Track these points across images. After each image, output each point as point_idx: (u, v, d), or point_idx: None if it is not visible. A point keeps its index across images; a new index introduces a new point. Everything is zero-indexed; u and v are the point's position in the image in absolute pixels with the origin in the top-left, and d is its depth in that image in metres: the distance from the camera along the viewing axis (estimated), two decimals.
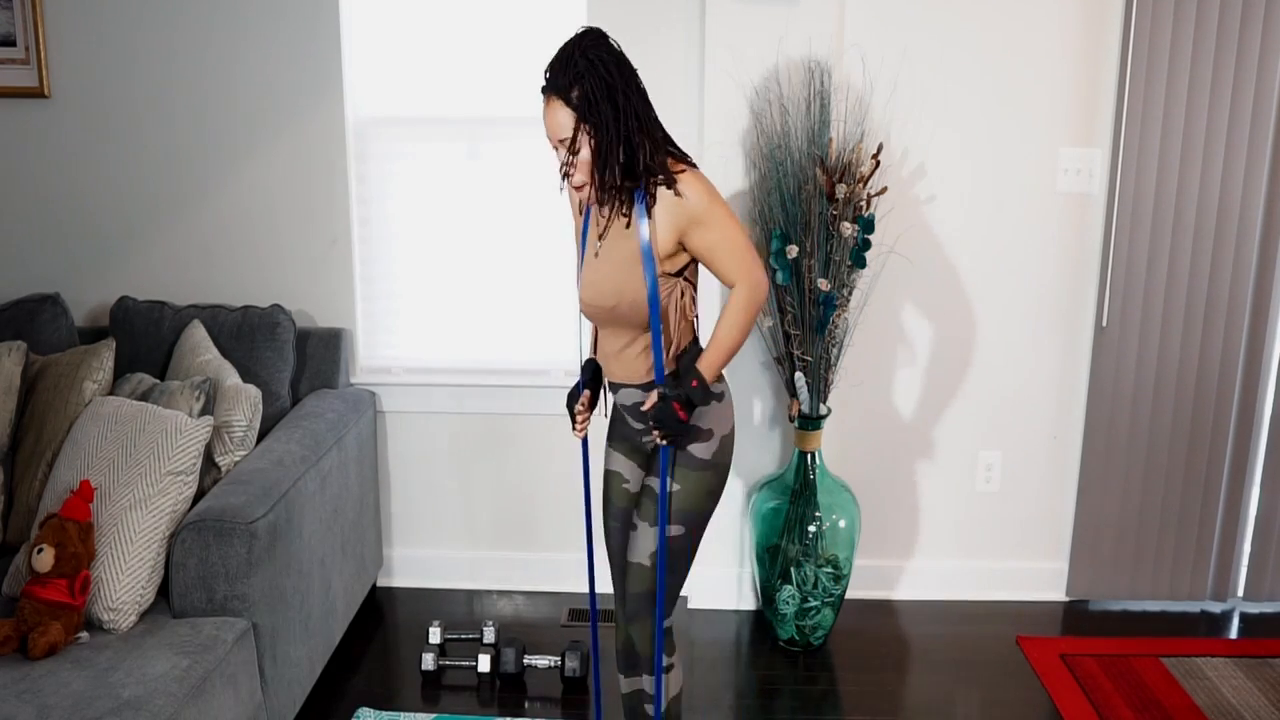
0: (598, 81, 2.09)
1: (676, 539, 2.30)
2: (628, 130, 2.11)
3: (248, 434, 2.78)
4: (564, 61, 2.11)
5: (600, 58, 2.10)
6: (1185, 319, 3.26)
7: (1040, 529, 3.50)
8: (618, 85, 2.10)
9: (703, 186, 2.17)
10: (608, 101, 2.09)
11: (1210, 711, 2.86)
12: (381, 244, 3.41)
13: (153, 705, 2.05)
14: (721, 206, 2.19)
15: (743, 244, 2.20)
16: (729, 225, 2.18)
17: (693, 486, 2.28)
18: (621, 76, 2.11)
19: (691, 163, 2.23)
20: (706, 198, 2.16)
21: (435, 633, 3.10)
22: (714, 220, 2.17)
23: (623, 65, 2.13)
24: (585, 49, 2.10)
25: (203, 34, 3.24)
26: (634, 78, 2.15)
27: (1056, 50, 3.19)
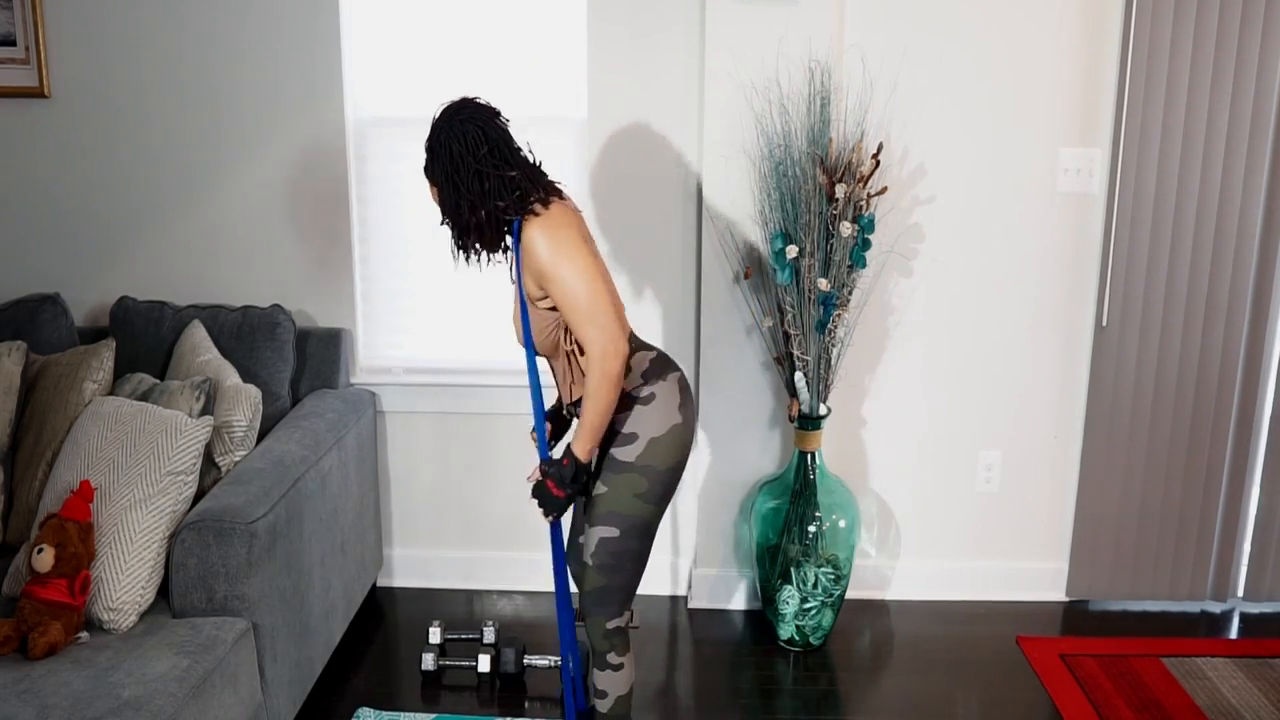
0: (440, 166, 2.24)
1: (612, 540, 2.32)
2: (462, 207, 2.24)
3: (248, 434, 2.78)
4: (426, 146, 2.29)
5: (444, 142, 2.23)
6: (1185, 319, 3.26)
7: (1040, 529, 3.51)
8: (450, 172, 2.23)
9: (547, 237, 2.19)
10: (450, 183, 2.24)
11: (1210, 711, 2.86)
12: (381, 244, 3.41)
13: (153, 705, 2.05)
14: (567, 263, 2.18)
15: (583, 303, 2.18)
16: (570, 284, 2.18)
17: (618, 490, 2.30)
18: (464, 155, 2.21)
19: (560, 197, 2.28)
20: (539, 251, 2.19)
21: (435, 633, 3.10)
22: (550, 274, 2.21)
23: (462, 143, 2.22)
24: (436, 133, 2.25)
25: (203, 34, 3.24)
26: (478, 148, 2.21)
27: (1056, 50, 3.19)
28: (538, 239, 2.20)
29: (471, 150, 2.21)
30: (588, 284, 2.18)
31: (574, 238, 2.21)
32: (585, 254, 2.20)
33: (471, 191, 2.22)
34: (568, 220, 2.24)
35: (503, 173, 2.22)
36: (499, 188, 2.22)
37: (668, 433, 2.30)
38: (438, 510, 3.56)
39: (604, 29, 3.20)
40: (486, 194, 2.22)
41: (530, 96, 3.30)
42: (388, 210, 3.39)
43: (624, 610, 2.42)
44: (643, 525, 2.33)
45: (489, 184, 2.22)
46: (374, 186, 3.37)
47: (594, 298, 2.18)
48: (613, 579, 2.36)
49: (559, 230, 2.20)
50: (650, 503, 2.32)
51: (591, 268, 2.19)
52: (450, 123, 2.24)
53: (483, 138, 2.22)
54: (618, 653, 2.43)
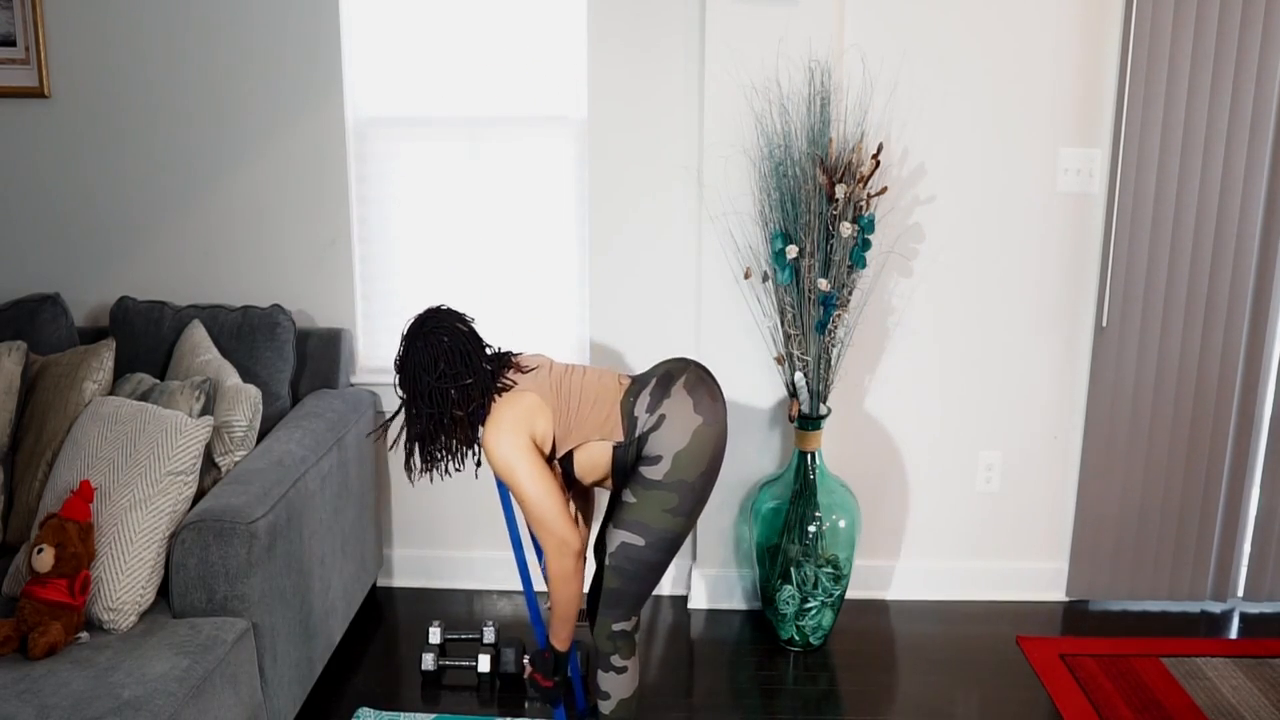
0: (406, 385, 2.36)
1: (634, 548, 2.35)
2: (422, 423, 2.36)
3: (248, 434, 2.78)
4: (395, 365, 2.40)
5: (410, 364, 2.34)
6: (1185, 319, 3.26)
7: (1040, 529, 3.51)
8: (412, 393, 2.34)
9: (498, 444, 2.31)
10: (412, 402, 2.36)
11: (1210, 711, 2.86)
12: (381, 244, 3.41)
13: (153, 705, 2.05)
14: (515, 467, 2.30)
15: (536, 511, 2.31)
16: (520, 487, 2.31)
17: (647, 504, 2.33)
18: (421, 376, 2.32)
19: (509, 387, 2.37)
20: (497, 458, 2.31)
21: (435, 633, 3.10)
22: (508, 479, 2.33)
23: (421, 364, 2.32)
24: (403, 355, 2.36)
25: (203, 34, 3.24)
26: (431, 369, 2.31)
27: (1056, 50, 3.19)
28: (490, 444, 2.32)
29: (429, 370, 2.32)
30: (535, 488, 2.29)
31: (521, 440, 2.31)
32: (530, 458, 2.31)
33: (431, 407, 2.33)
34: (516, 417, 2.33)
35: (460, 382, 2.33)
36: (457, 398, 2.33)
37: (691, 441, 2.31)
38: (438, 510, 3.56)
39: (604, 29, 3.20)
40: (449, 405, 2.33)
41: (530, 96, 3.30)
42: (388, 210, 3.39)
43: (633, 615, 2.42)
44: (670, 539, 2.35)
45: (452, 394, 2.33)
46: (374, 186, 3.37)
47: (541, 501, 2.29)
48: (628, 584, 2.37)
49: (506, 435, 2.31)
50: (680, 516, 2.34)
51: (536, 473, 2.30)
52: (413, 340, 2.35)
53: (441, 351, 2.32)
54: (622, 655, 2.43)
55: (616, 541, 2.36)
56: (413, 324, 2.38)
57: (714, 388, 2.40)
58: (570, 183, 3.34)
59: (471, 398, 2.34)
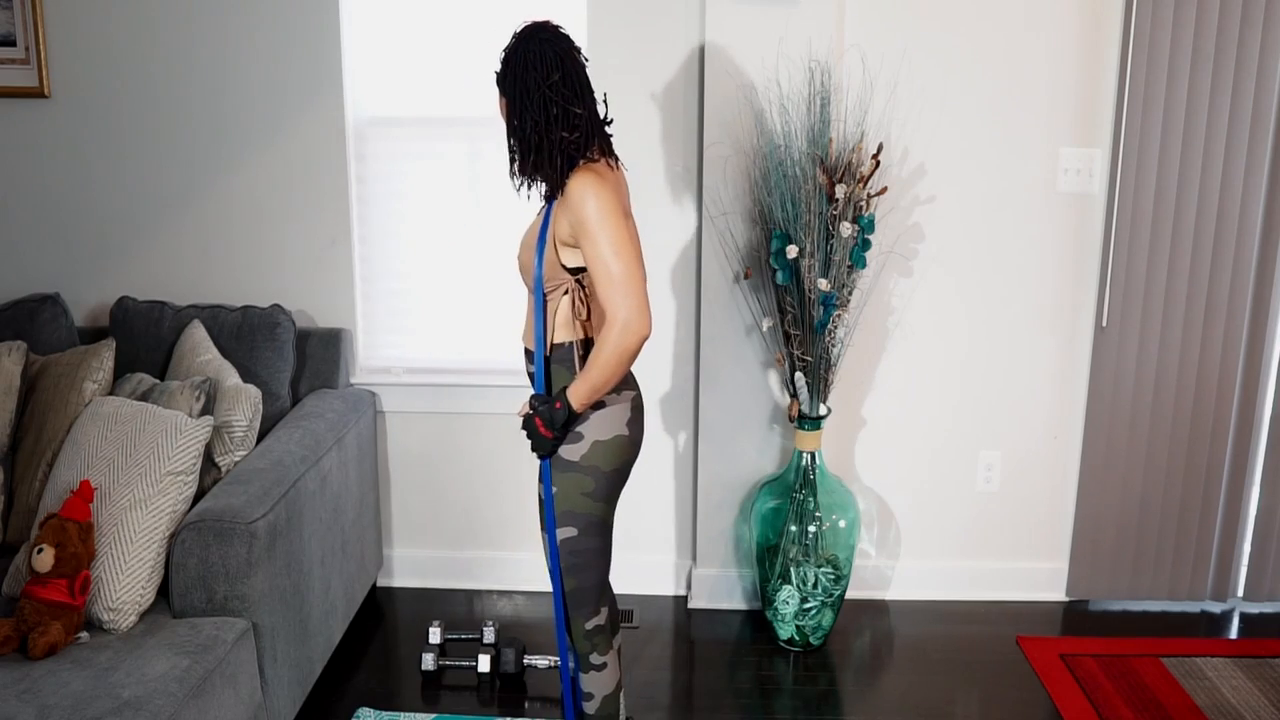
0: (511, 78, 2.19)
1: (572, 540, 2.34)
2: (524, 125, 2.19)
3: (248, 434, 2.78)
4: (503, 53, 2.23)
5: (520, 55, 2.18)
6: (1185, 319, 3.26)
7: (1040, 529, 3.51)
8: (519, 85, 2.18)
9: (597, 194, 2.12)
10: (516, 96, 2.19)
11: (1210, 711, 2.86)
12: (381, 244, 3.41)
13: (153, 705, 2.05)
14: (611, 226, 2.11)
15: (616, 273, 2.11)
16: (605, 247, 2.12)
17: (566, 489, 2.31)
18: (536, 74, 2.16)
19: (609, 161, 2.24)
20: (587, 206, 2.12)
21: (435, 633, 3.10)
22: (591, 234, 2.13)
23: (536, 63, 2.16)
24: (514, 45, 2.20)
25: (203, 34, 3.24)
26: (550, 73, 2.16)
27: (1056, 50, 3.19)
28: (588, 193, 2.13)
29: (545, 74, 2.15)
30: (626, 253, 2.12)
31: (620, 205, 2.16)
32: (625, 223, 2.15)
33: (536, 114, 2.16)
34: (619, 186, 2.23)
35: (569, 106, 2.16)
36: (563, 119, 2.16)
37: (612, 439, 2.30)
38: (438, 510, 3.56)
39: (604, 28, 3.20)
40: (552, 121, 2.16)
41: None
42: (388, 210, 3.39)
43: (599, 608, 2.41)
44: (598, 522, 2.35)
45: (554, 110, 2.16)
46: (374, 186, 3.37)
47: (626, 267, 2.11)
48: (581, 578, 2.38)
49: (609, 192, 2.13)
50: (599, 500, 2.34)
51: (628, 238, 2.14)
52: (530, 40, 2.18)
53: (558, 64, 2.16)
54: (599, 652, 2.43)
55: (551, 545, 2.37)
56: (528, 25, 2.20)
57: (643, 420, 2.39)
58: None
59: (579, 127, 2.17)
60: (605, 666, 2.44)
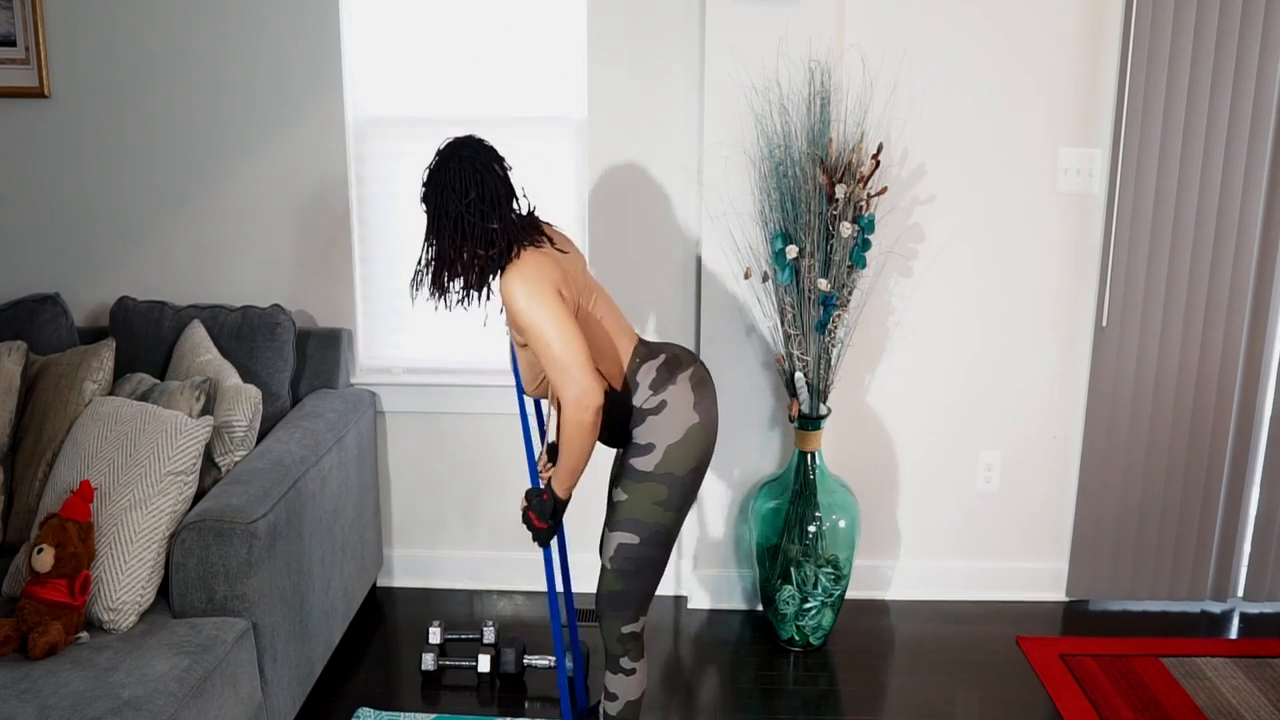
0: (431, 199, 2.26)
1: (631, 547, 2.34)
2: (441, 244, 2.26)
3: (248, 434, 2.78)
4: (426, 172, 2.29)
5: (439, 176, 2.24)
6: (1185, 319, 3.26)
7: (1040, 529, 3.51)
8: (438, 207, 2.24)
9: (520, 287, 2.20)
10: (434, 216, 2.26)
11: (1210, 711, 2.86)
12: (381, 244, 3.41)
13: (153, 705, 2.05)
14: (539, 312, 2.19)
15: (556, 355, 2.19)
16: (541, 332, 2.19)
17: (637, 497, 2.32)
18: (452, 195, 2.22)
19: (540, 245, 2.28)
20: (516, 302, 2.21)
21: (435, 633, 3.10)
22: (525, 326, 2.22)
23: (454, 183, 2.23)
24: (435, 166, 2.26)
25: (203, 34, 3.24)
26: (466, 193, 2.22)
27: (1056, 50, 3.19)
28: (513, 288, 2.21)
29: (460, 194, 2.23)
30: (558, 334, 2.18)
31: (547, 288, 2.21)
32: (557, 305, 2.20)
33: (452, 233, 2.25)
34: (543, 269, 2.24)
35: (486, 223, 2.23)
36: (479, 237, 2.24)
37: (684, 436, 2.31)
38: (438, 510, 3.56)
39: (604, 29, 3.20)
40: (468, 239, 2.24)
41: (530, 96, 3.30)
42: (388, 210, 3.39)
43: (639, 615, 2.41)
44: (664, 532, 2.35)
45: (469, 230, 2.23)
46: (374, 186, 3.37)
47: (565, 348, 2.19)
48: (630, 584, 2.37)
49: (531, 282, 2.21)
50: (671, 509, 2.33)
51: (562, 318, 2.19)
52: (450, 159, 2.25)
53: (475, 182, 2.23)
54: (631, 658, 2.42)
55: (614, 544, 2.36)
56: (450, 142, 2.27)
57: (713, 390, 2.40)
58: (570, 183, 3.34)
59: (494, 243, 2.24)
60: (635, 673, 2.44)
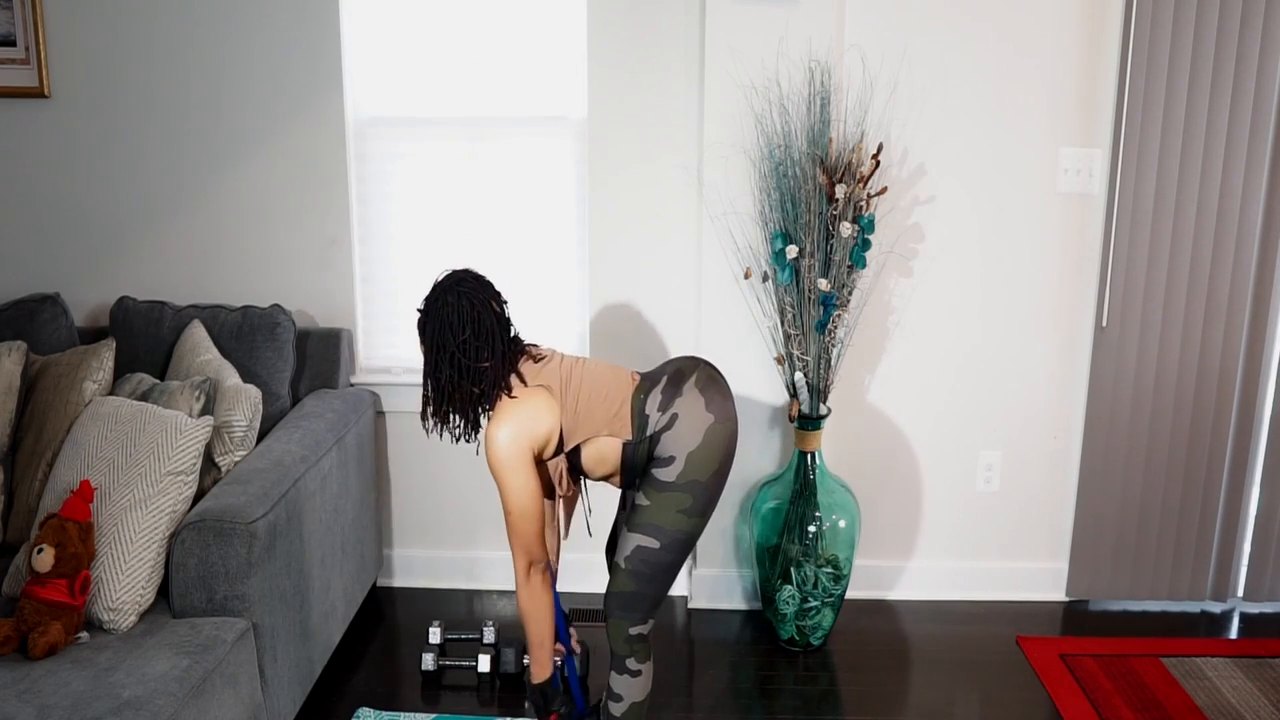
0: (428, 331, 2.33)
1: (650, 550, 2.34)
2: (437, 378, 2.34)
3: (248, 434, 2.78)
4: (424, 302, 2.35)
5: (436, 310, 2.31)
6: (1185, 319, 3.26)
7: (1040, 529, 3.51)
8: (434, 340, 2.32)
9: (497, 446, 2.28)
10: (431, 350, 2.33)
11: (1210, 711, 2.86)
12: (381, 244, 3.41)
13: (153, 705, 2.05)
14: (509, 475, 2.28)
15: (511, 520, 2.32)
16: (506, 492, 2.30)
17: (660, 504, 2.33)
18: (448, 331, 2.29)
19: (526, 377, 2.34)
20: (495, 455, 2.29)
21: (435, 633, 3.10)
22: (497, 480, 2.32)
23: (451, 319, 2.29)
24: (433, 299, 2.33)
25: (203, 34, 3.24)
26: (461, 330, 2.29)
27: (1056, 50, 3.19)
28: (491, 444, 2.29)
29: (459, 329, 2.29)
30: (517, 503, 2.30)
31: (522, 451, 2.29)
32: (526, 474, 2.29)
33: (448, 369, 2.32)
34: (521, 427, 2.30)
35: (477, 362, 2.30)
36: (472, 375, 2.31)
37: (704, 439, 2.31)
38: (438, 510, 3.56)
39: (604, 29, 3.20)
40: (462, 376, 2.31)
41: (530, 96, 3.30)
42: (388, 210, 3.39)
43: (649, 618, 2.42)
44: (684, 538, 2.35)
45: (460, 368, 2.30)
46: (374, 186, 3.37)
47: (522, 518, 2.31)
48: (644, 587, 2.37)
49: (509, 444, 2.28)
50: (694, 516, 2.34)
51: (526, 490, 2.29)
52: (448, 293, 2.31)
53: (470, 318, 2.29)
54: (638, 659, 2.42)
55: (631, 545, 2.35)
56: (449, 276, 2.34)
57: (724, 386, 2.40)
58: (570, 183, 3.35)
59: (484, 380, 2.32)
60: (640, 674, 2.44)
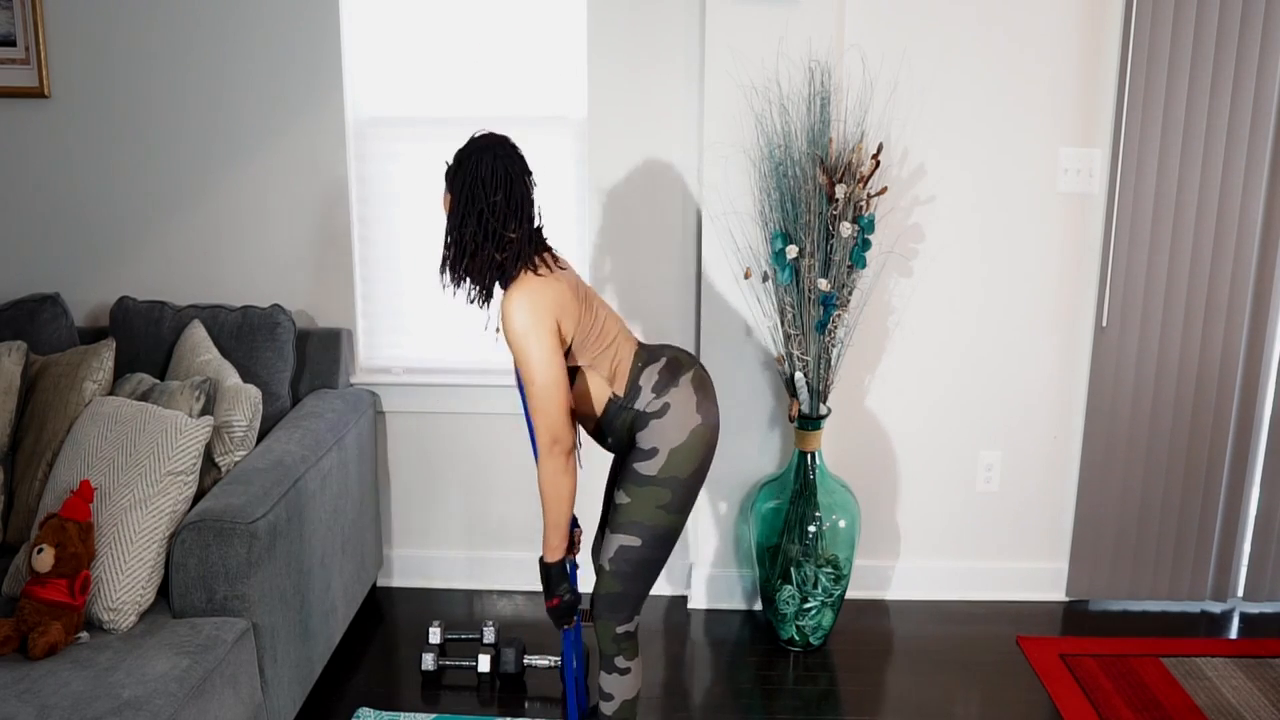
0: (459, 184, 2.26)
1: (632, 549, 2.34)
2: (461, 234, 2.26)
3: (248, 434, 2.78)
4: (455, 156, 2.30)
5: (472, 164, 2.24)
6: (1185, 319, 3.26)
7: (1040, 529, 3.51)
8: (465, 194, 2.24)
9: (515, 312, 2.21)
10: (460, 203, 2.26)
11: (1210, 711, 2.86)
12: (381, 244, 3.41)
13: (153, 705, 2.05)
14: (532, 342, 2.21)
15: (535, 390, 2.22)
16: (527, 362, 2.22)
17: (640, 500, 2.32)
18: (481, 189, 2.22)
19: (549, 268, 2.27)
20: (513, 325, 2.22)
21: (435, 633, 3.10)
22: (517, 351, 2.24)
23: (486, 177, 2.23)
24: (469, 152, 2.27)
25: (203, 34, 3.24)
26: (494, 191, 2.22)
27: (1056, 50, 3.19)
28: (513, 311, 2.23)
29: (492, 190, 2.23)
30: (543, 371, 2.22)
31: (545, 320, 2.22)
32: (550, 342, 2.22)
33: (474, 227, 2.25)
34: (546, 298, 2.24)
35: (504, 229, 2.24)
36: (496, 240, 2.24)
37: (688, 438, 2.31)
38: (438, 510, 3.56)
39: (604, 29, 3.20)
40: (487, 238, 2.24)
41: (530, 95, 3.30)
42: (388, 210, 3.39)
43: (635, 616, 2.42)
44: (665, 534, 2.35)
45: (487, 229, 2.24)
46: (374, 186, 3.37)
47: (548, 388, 2.22)
48: (629, 586, 2.38)
49: (531, 310, 2.22)
50: (673, 512, 2.34)
51: (551, 357, 2.22)
52: (486, 151, 2.25)
53: (505, 183, 2.23)
54: (626, 657, 2.43)
55: (614, 546, 2.36)
56: (486, 136, 2.28)
57: (713, 390, 2.41)
58: (570, 183, 3.34)
59: (507, 250, 2.25)
60: (629, 672, 2.45)
